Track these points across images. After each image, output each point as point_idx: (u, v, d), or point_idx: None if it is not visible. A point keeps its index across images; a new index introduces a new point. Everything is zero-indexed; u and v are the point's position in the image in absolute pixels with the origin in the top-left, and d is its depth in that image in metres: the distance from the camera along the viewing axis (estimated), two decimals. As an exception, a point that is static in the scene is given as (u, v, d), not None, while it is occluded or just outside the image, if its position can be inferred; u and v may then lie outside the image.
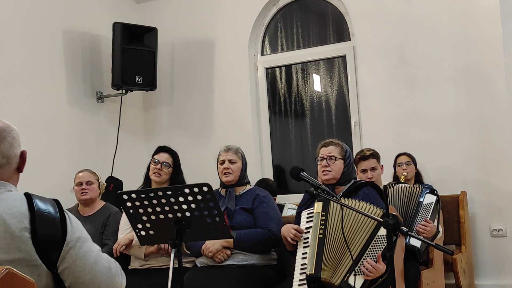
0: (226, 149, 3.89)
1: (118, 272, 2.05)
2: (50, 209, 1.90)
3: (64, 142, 5.48)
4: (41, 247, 1.82)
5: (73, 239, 1.90)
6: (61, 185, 4.72)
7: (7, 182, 1.95)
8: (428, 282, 3.99)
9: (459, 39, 5.16)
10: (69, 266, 1.89)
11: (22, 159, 2.02)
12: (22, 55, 5.16)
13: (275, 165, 6.07)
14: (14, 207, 1.85)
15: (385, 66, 5.44)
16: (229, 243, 3.64)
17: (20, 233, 1.81)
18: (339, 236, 3.12)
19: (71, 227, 1.92)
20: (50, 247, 1.85)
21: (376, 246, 3.06)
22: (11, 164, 1.98)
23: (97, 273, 1.95)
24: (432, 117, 5.24)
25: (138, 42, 5.74)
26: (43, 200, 1.92)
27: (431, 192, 4.15)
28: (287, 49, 6.07)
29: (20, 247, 1.80)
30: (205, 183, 2.67)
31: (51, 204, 1.93)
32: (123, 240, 3.95)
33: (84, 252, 1.93)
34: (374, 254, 3.04)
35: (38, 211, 1.86)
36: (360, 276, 3.01)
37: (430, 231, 3.95)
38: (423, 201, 4.08)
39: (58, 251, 1.86)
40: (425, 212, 4.05)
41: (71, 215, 1.97)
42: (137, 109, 6.38)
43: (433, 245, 2.55)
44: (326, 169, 3.47)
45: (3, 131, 1.96)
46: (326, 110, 5.91)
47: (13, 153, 1.98)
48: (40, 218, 1.85)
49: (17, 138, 2.01)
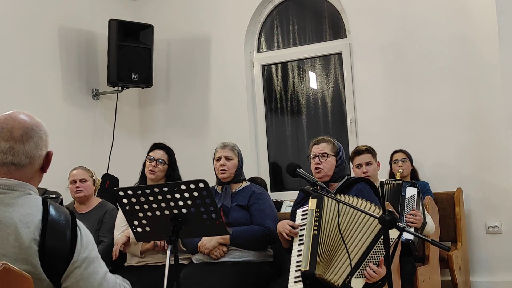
0: (222, 145, 3.89)
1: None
2: (63, 223, 1.84)
3: (60, 139, 5.45)
4: (47, 260, 1.77)
5: (80, 259, 1.84)
6: (57, 183, 4.69)
7: (28, 182, 1.89)
8: (424, 279, 4.00)
9: (454, 36, 5.17)
10: (71, 285, 1.83)
11: (48, 160, 1.96)
12: (18, 52, 5.14)
13: (271, 162, 6.07)
14: (30, 215, 1.80)
15: (381, 63, 5.44)
16: (225, 240, 3.64)
17: (30, 244, 1.76)
18: (333, 233, 3.12)
19: (81, 246, 1.85)
20: (56, 262, 1.79)
21: (379, 249, 3.05)
22: (34, 164, 1.91)
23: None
24: (428, 114, 5.25)
25: (134, 39, 5.74)
26: (59, 212, 1.86)
27: (411, 185, 4.17)
28: (283, 46, 6.07)
29: (27, 259, 1.75)
30: (202, 180, 2.67)
31: (65, 218, 1.86)
32: (121, 239, 3.93)
33: (89, 273, 1.86)
34: (377, 258, 3.03)
35: (51, 223, 1.80)
36: (360, 279, 3.01)
37: (419, 219, 3.97)
38: (405, 195, 4.10)
39: (64, 266, 1.80)
40: (410, 205, 4.07)
41: (85, 231, 1.90)
42: (133, 106, 6.37)
43: (428, 240, 2.55)
44: (318, 166, 3.48)
45: (30, 130, 1.91)
46: (322, 107, 5.92)
47: (37, 153, 1.91)
48: (51, 231, 1.79)
49: (44, 138, 1.95)
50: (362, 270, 3.01)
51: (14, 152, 1.86)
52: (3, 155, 1.85)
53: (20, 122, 1.90)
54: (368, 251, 3.05)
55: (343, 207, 3.10)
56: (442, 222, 4.74)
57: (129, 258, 4.02)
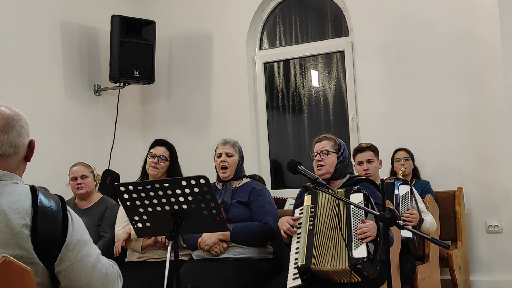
0: (223, 142, 3.89)
1: (115, 277, 2.01)
2: (54, 208, 1.86)
3: (61, 134, 5.47)
4: (39, 245, 1.79)
5: (73, 241, 1.86)
6: (58, 178, 4.72)
7: (14, 172, 1.92)
8: (424, 277, 4.00)
9: (457, 35, 5.17)
10: (65, 268, 1.85)
11: (30, 149, 1.99)
12: (20, 47, 5.15)
13: (272, 160, 6.07)
14: (18, 202, 1.82)
15: (383, 62, 5.44)
16: (226, 236, 3.64)
17: (21, 229, 1.78)
18: (329, 227, 3.13)
19: (72, 229, 1.88)
20: (49, 246, 1.81)
21: (356, 216, 3.11)
22: (19, 153, 1.94)
23: (93, 279, 1.91)
24: (430, 113, 5.25)
25: (136, 35, 5.74)
26: (48, 197, 1.89)
27: (403, 183, 4.17)
28: (285, 44, 6.07)
29: (19, 244, 1.77)
30: (203, 176, 2.67)
31: (55, 202, 1.89)
32: (122, 235, 3.93)
33: (82, 256, 1.88)
34: (358, 222, 3.08)
35: (41, 208, 1.83)
36: (360, 247, 3.01)
37: (416, 218, 3.97)
38: (398, 193, 4.10)
39: (56, 251, 1.83)
40: (405, 203, 4.07)
41: (74, 215, 1.93)
42: (135, 102, 6.37)
43: (428, 238, 2.56)
44: (319, 163, 3.50)
45: (12, 120, 1.92)
46: (324, 105, 5.92)
47: (21, 142, 1.94)
48: (42, 216, 1.82)
49: (25, 127, 1.97)
50: (355, 238, 3.03)
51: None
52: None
53: (0, 113, 1.91)
54: (349, 224, 3.09)
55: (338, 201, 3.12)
56: (443, 221, 4.74)
57: (130, 253, 4.03)
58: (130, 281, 3.60)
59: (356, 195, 3.12)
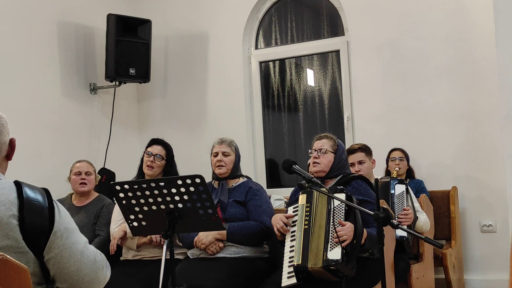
0: (220, 141, 3.90)
1: (103, 265, 2.04)
2: (39, 198, 1.90)
3: (57, 133, 5.47)
4: (28, 234, 1.82)
5: (60, 229, 1.90)
6: (53, 176, 4.73)
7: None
8: (418, 276, 4.02)
9: (452, 35, 5.19)
10: (54, 256, 1.89)
11: (11, 147, 2.01)
12: (16, 46, 5.14)
13: (268, 159, 6.09)
14: (2, 194, 1.85)
15: (378, 61, 5.46)
16: (222, 236, 3.65)
17: (8, 220, 1.81)
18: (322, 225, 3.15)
19: (59, 217, 1.91)
20: (37, 235, 1.84)
21: (336, 217, 3.14)
22: (0, 151, 1.96)
23: (82, 266, 1.94)
24: (424, 112, 5.27)
25: (132, 34, 5.74)
26: (33, 189, 1.92)
27: (399, 182, 4.19)
28: (281, 43, 6.08)
29: (8, 234, 1.80)
30: (198, 175, 2.68)
31: (40, 193, 1.92)
32: (118, 233, 3.95)
33: (70, 243, 1.92)
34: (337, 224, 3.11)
35: (27, 199, 1.86)
36: (335, 248, 3.05)
37: (411, 217, 3.99)
38: (394, 193, 4.12)
39: (45, 239, 1.86)
40: (400, 202, 4.08)
41: (60, 205, 1.97)
42: (131, 101, 6.37)
43: (422, 238, 2.58)
44: (315, 160, 3.52)
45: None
46: (319, 104, 5.93)
47: (2, 140, 1.96)
48: (29, 206, 1.85)
49: (5, 125, 1.99)
50: (331, 239, 3.07)
51: None
52: None
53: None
54: (328, 224, 3.12)
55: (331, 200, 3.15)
56: (437, 220, 4.76)
57: (125, 252, 4.04)
58: (126, 280, 3.63)
59: (339, 195, 3.13)
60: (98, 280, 2.01)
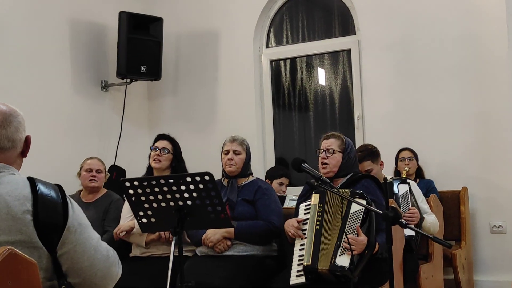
0: (231, 139, 3.89)
1: (115, 261, 2.06)
2: (53, 194, 1.92)
3: (68, 129, 5.50)
4: (42, 230, 1.84)
5: (74, 224, 1.92)
6: (64, 172, 4.74)
7: (11, 165, 1.97)
8: (427, 276, 4.01)
9: (463, 34, 5.17)
10: (68, 251, 1.91)
11: (27, 144, 2.04)
12: (28, 43, 5.18)
13: (278, 158, 6.08)
14: (16, 189, 1.87)
15: (389, 61, 5.45)
16: (230, 234, 3.66)
17: (22, 215, 1.83)
18: (335, 227, 3.14)
19: (73, 212, 1.94)
20: (51, 230, 1.87)
21: (352, 223, 3.12)
22: (16, 148, 1.99)
23: (95, 261, 1.96)
24: (435, 112, 5.25)
25: (143, 32, 5.75)
26: (46, 185, 1.94)
27: (402, 182, 4.17)
28: (292, 41, 6.07)
29: (22, 229, 1.82)
30: (207, 172, 2.69)
31: (54, 189, 1.94)
32: (124, 226, 3.97)
33: (84, 238, 1.94)
34: (353, 230, 3.09)
35: (41, 195, 1.88)
36: (345, 255, 3.04)
37: (417, 216, 3.96)
38: (398, 192, 4.10)
39: (58, 235, 1.88)
40: (405, 202, 4.06)
41: (73, 201, 1.99)
42: (141, 98, 6.39)
43: (430, 237, 2.57)
44: (324, 161, 3.51)
45: (9, 116, 1.98)
46: (330, 103, 5.93)
47: (18, 137, 1.99)
48: (43, 201, 1.87)
49: (22, 123, 2.02)
50: (343, 244, 3.06)
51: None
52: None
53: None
54: (343, 228, 3.10)
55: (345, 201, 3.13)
56: (447, 220, 4.74)
57: (134, 248, 4.06)
58: (134, 276, 3.64)
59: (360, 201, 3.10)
60: (111, 276, 2.03)
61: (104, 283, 2.01)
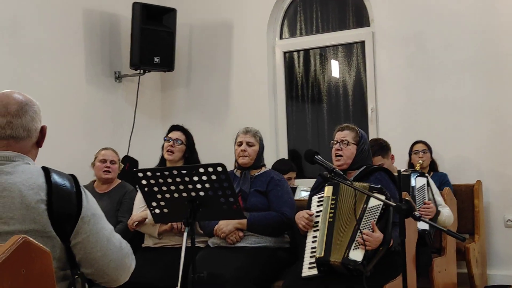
0: (245, 131, 3.89)
1: (128, 253, 2.07)
2: (67, 183, 1.93)
3: (82, 120, 5.53)
4: (56, 219, 1.85)
5: (88, 214, 1.93)
6: (77, 162, 4.76)
7: (26, 155, 1.97)
8: (440, 270, 3.99)
9: (478, 28, 5.12)
10: (81, 241, 1.91)
11: (42, 134, 2.04)
12: (42, 33, 5.20)
13: (291, 150, 6.07)
14: (31, 179, 1.88)
15: (403, 53, 5.41)
16: (243, 225, 3.66)
17: (36, 204, 1.84)
18: (348, 219, 3.13)
19: (87, 203, 1.94)
20: (65, 220, 1.87)
21: (368, 218, 3.09)
22: (31, 137, 1.99)
23: (108, 251, 1.97)
24: (449, 105, 5.22)
25: (157, 23, 5.76)
26: (60, 174, 1.95)
27: (420, 175, 4.13)
28: (306, 33, 6.05)
29: (35, 218, 1.83)
30: (220, 163, 2.69)
31: (68, 179, 1.95)
32: (136, 217, 3.99)
33: (98, 229, 1.95)
34: (369, 225, 3.06)
35: (55, 184, 1.89)
36: (359, 249, 3.02)
37: (432, 211, 3.94)
38: (415, 186, 4.07)
39: (72, 225, 1.89)
40: (421, 195, 4.04)
41: (87, 191, 1.99)
42: (155, 89, 6.40)
43: (444, 230, 2.55)
44: (338, 153, 3.48)
45: (25, 105, 1.98)
46: (343, 96, 5.90)
47: (33, 127, 1.99)
48: (57, 191, 1.88)
49: (38, 112, 2.02)
50: (358, 239, 3.04)
51: (12, 126, 1.94)
52: (1, 130, 1.94)
53: (15, 98, 1.98)
54: (359, 222, 3.07)
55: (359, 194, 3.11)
56: (461, 214, 4.72)
57: (147, 239, 4.07)
58: (147, 266, 3.65)
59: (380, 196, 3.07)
60: (123, 267, 2.03)
61: (117, 274, 2.02)
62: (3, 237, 1.72)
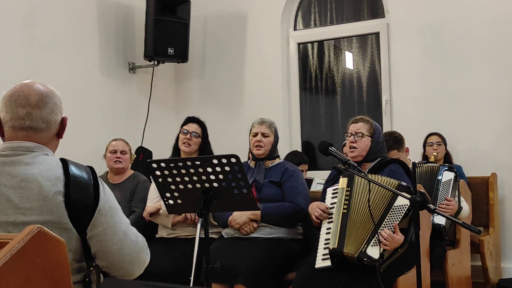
0: (260, 121, 3.88)
1: (143, 247, 2.07)
2: (85, 175, 1.93)
3: (96, 111, 5.55)
4: (73, 211, 1.86)
5: (105, 207, 1.93)
6: (92, 153, 4.78)
7: (45, 146, 1.98)
8: (454, 262, 3.97)
9: (495, 19, 5.06)
10: (98, 233, 1.92)
11: (62, 125, 2.04)
12: (56, 24, 5.21)
13: (304, 141, 6.06)
14: (49, 170, 1.89)
15: (418, 45, 5.37)
16: (256, 216, 3.66)
17: (54, 196, 1.85)
18: (363, 212, 3.12)
19: (104, 195, 1.95)
20: (82, 212, 1.88)
21: (392, 216, 3.06)
22: (51, 129, 2.00)
23: (124, 245, 1.97)
24: (465, 97, 5.17)
25: (171, 14, 5.75)
26: (78, 166, 1.95)
27: (449, 169, 4.09)
28: (320, 24, 6.02)
29: (53, 209, 1.84)
30: (234, 155, 2.68)
31: (86, 171, 1.95)
32: (150, 208, 4.00)
33: (114, 222, 1.95)
34: (391, 225, 3.04)
35: (73, 176, 1.89)
36: (377, 247, 3.01)
37: (453, 209, 3.90)
38: (441, 179, 4.03)
39: (89, 217, 1.89)
40: (445, 190, 4.00)
41: (104, 184, 1.99)
42: (169, 80, 6.41)
43: (459, 223, 2.54)
44: (352, 145, 3.47)
45: (45, 97, 1.98)
46: (357, 87, 5.87)
47: (53, 118, 1.99)
48: (74, 183, 1.89)
49: (59, 104, 2.03)
50: (377, 238, 3.02)
51: (31, 117, 1.95)
52: (21, 121, 1.94)
53: (35, 89, 1.98)
54: (382, 219, 3.05)
55: (374, 186, 3.09)
56: (475, 207, 4.68)
57: (160, 229, 4.09)
58: (161, 257, 3.67)
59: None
60: (138, 261, 2.04)
61: (131, 268, 2.02)
62: (20, 227, 1.73)
